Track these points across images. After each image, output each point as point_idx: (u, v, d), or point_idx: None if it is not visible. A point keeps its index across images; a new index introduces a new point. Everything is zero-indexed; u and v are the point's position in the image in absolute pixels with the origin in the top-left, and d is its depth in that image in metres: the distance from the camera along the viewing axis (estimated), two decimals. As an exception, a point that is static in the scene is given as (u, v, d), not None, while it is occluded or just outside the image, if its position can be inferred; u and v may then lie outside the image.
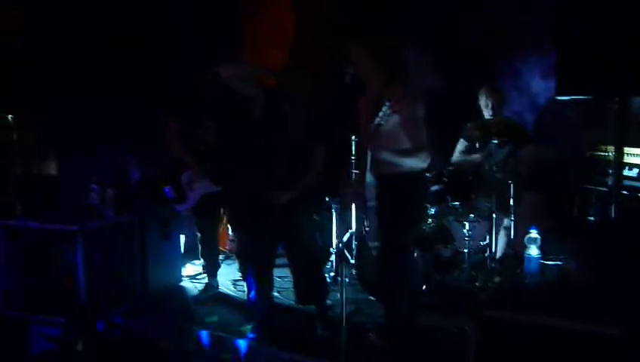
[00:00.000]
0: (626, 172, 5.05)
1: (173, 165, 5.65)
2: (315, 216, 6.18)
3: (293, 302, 5.29)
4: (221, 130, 5.56)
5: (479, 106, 5.92)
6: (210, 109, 5.56)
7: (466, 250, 5.79)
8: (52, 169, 6.86)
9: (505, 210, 5.64)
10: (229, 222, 6.60)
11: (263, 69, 4.85)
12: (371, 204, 4.32)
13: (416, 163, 4.24)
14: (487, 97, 5.85)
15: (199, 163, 5.55)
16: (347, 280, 5.37)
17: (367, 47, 4.27)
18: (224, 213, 6.40)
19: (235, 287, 6.02)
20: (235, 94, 4.73)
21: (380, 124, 3.94)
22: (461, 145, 6.05)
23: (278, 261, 5.15)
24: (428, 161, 4.26)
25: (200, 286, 6.00)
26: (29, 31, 6.79)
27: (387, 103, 3.84)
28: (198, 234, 5.91)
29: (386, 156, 4.17)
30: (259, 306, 4.95)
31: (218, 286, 5.97)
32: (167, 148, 5.64)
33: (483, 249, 5.92)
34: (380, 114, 3.87)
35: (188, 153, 5.58)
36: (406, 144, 4.18)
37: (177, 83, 6.16)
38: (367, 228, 4.36)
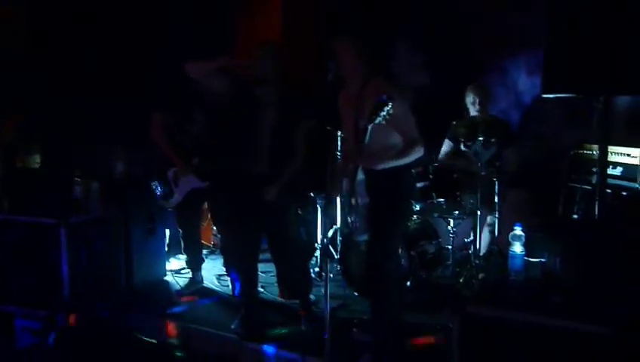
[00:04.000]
0: (609, 170, 5.08)
1: (160, 161, 5.62)
2: (299, 211, 6.18)
3: (277, 297, 5.29)
4: (207, 125, 5.54)
5: (465, 103, 5.94)
6: (198, 104, 5.53)
7: (450, 247, 5.81)
8: (36, 163, 6.82)
9: (490, 207, 5.66)
10: (210, 217, 6.57)
11: (231, 61, 4.79)
12: (362, 200, 4.31)
13: (414, 157, 4.24)
14: (473, 94, 5.86)
15: (187, 158, 5.52)
16: (332, 275, 5.39)
17: (350, 41, 4.27)
18: (207, 208, 6.37)
19: (219, 282, 6.01)
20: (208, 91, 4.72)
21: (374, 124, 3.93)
22: (446, 146, 6.06)
23: (263, 256, 5.14)
24: (422, 151, 4.25)
25: (184, 281, 5.98)
26: (16, 28, 6.76)
27: (390, 103, 3.83)
28: (180, 231, 5.90)
29: (383, 165, 4.17)
30: (243, 301, 4.95)
31: (202, 280, 5.96)
32: (153, 142, 5.61)
33: (467, 245, 5.94)
34: (382, 114, 3.83)
35: (173, 147, 5.54)
36: (397, 138, 4.18)
37: (166, 78, 6.12)
38: (355, 224, 4.34)
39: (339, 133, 5.87)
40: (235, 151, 4.74)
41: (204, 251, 6.36)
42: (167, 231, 6.41)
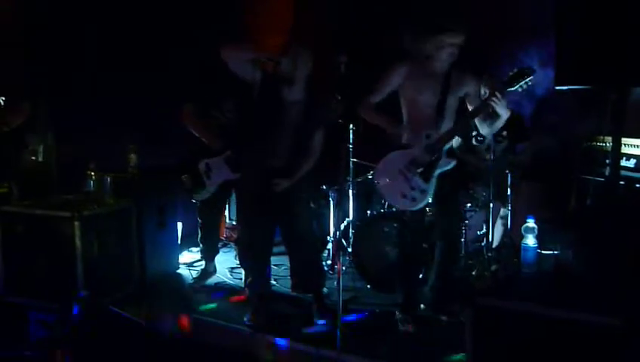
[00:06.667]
0: (623, 162, 5.05)
1: (190, 153, 5.62)
2: (312, 204, 6.19)
3: (289, 290, 5.30)
4: (237, 113, 5.53)
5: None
6: (229, 91, 5.52)
7: (462, 239, 5.79)
8: (46, 154, 6.84)
9: (502, 200, 5.64)
10: (237, 207, 6.53)
11: (265, 53, 4.81)
12: (445, 162, 4.52)
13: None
14: (483, 87, 5.82)
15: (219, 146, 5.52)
16: (344, 268, 5.40)
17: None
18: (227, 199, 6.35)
19: (231, 275, 6.02)
20: (236, 78, 4.72)
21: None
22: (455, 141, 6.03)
23: (275, 249, 5.15)
24: None
25: (195, 273, 5.99)
26: (28, 14, 6.77)
27: (533, 75, 4.15)
28: (200, 220, 5.90)
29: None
30: (255, 294, 4.96)
31: (215, 270, 5.96)
32: (169, 136, 5.59)
33: (480, 238, 5.93)
34: (522, 83, 4.19)
35: (209, 132, 5.54)
36: None
37: (196, 67, 6.11)
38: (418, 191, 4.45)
39: (351, 126, 5.87)
40: (256, 144, 4.76)
41: (218, 244, 6.36)
42: (180, 225, 6.42)
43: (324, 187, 6.24)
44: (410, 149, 4.57)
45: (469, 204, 5.68)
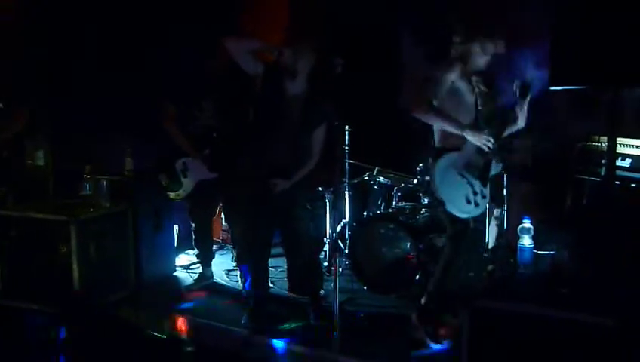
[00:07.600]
0: (618, 162, 5.06)
1: (168, 152, 5.62)
2: (308, 206, 6.19)
3: (286, 292, 5.30)
4: (220, 113, 5.52)
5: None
6: (210, 91, 5.52)
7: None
8: (45, 158, 6.83)
9: (498, 200, 5.64)
10: (222, 209, 6.54)
11: (268, 44, 4.79)
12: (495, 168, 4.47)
13: None
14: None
15: (196, 148, 5.52)
16: (340, 269, 5.39)
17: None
18: (218, 201, 6.36)
19: (228, 277, 6.02)
20: (237, 73, 4.69)
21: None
22: None
23: (272, 251, 5.15)
24: None
25: (194, 276, 5.99)
26: (22, 20, 6.76)
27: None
28: (192, 224, 5.90)
29: None
30: (253, 295, 4.96)
31: (212, 276, 5.95)
32: (162, 135, 5.59)
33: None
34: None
35: (185, 138, 5.55)
36: None
37: (176, 68, 6.10)
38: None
39: (346, 128, 5.87)
40: (258, 142, 4.73)
41: (214, 246, 6.36)
42: (176, 227, 6.42)
43: (320, 188, 6.23)
44: (460, 152, 4.34)
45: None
